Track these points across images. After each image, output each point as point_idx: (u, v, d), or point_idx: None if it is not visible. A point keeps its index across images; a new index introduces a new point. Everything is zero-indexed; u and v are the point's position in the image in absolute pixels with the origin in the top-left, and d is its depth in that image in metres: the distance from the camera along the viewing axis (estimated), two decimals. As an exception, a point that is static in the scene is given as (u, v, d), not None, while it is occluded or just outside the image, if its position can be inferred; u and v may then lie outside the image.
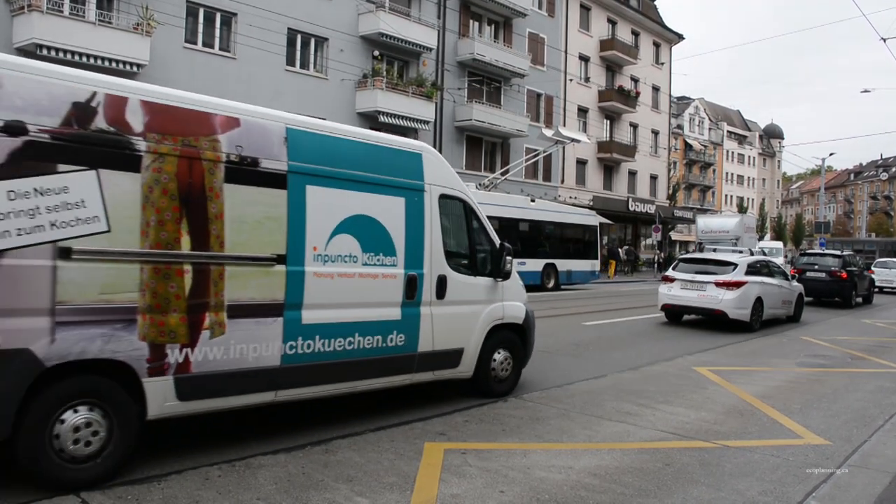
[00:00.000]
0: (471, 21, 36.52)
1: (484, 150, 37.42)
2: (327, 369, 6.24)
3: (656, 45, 53.40)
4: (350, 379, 6.52)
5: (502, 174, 28.53)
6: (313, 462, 5.43)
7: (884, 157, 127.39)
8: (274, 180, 5.83)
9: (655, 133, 53.84)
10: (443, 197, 7.37)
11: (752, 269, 16.14)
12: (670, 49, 55.43)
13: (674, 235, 63.77)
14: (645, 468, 5.65)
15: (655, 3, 55.40)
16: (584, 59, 45.22)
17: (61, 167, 4.70)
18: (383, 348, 6.70)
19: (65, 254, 4.68)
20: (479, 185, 25.79)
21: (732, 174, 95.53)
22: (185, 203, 5.28)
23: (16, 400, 4.47)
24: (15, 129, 4.49)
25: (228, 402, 5.65)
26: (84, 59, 21.36)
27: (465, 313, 7.58)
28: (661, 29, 53.41)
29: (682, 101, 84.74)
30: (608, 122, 48.11)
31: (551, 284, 26.43)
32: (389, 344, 6.75)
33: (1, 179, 4.45)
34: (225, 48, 26.40)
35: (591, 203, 41.02)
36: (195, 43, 25.53)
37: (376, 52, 31.10)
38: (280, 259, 5.84)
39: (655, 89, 53.26)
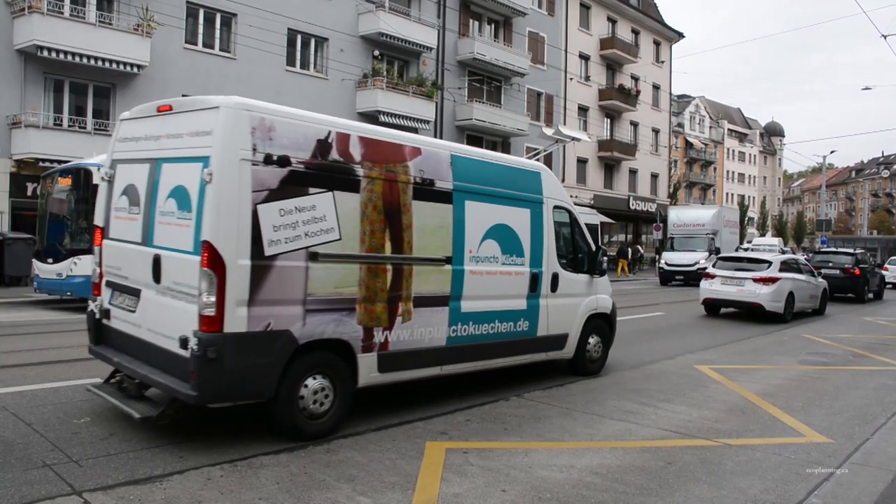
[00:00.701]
0: (471, 20, 36.50)
1: (485, 149, 37.40)
2: (476, 349, 7.69)
3: (656, 44, 53.38)
4: (490, 357, 7.95)
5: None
6: (315, 462, 5.43)
7: (885, 154, 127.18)
8: (444, 197, 7.25)
9: (656, 131, 53.82)
10: (555, 208, 8.88)
11: (785, 267, 17.86)
12: (670, 47, 55.41)
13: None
14: (647, 467, 5.65)
15: (655, 1, 55.35)
16: (585, 57, 45.20)
17: (311, 190, 6.01)
18: (514, 332, 8.18)
19: (313, 257, 6.02)
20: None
21: (733, 172, 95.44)
22: (388, 216, 6.64)
23: (279, 368, 5.78)
24: (284, 161, 5.82)
25: (410, 375, 7.09)
26: (84, 61, 21.37)
27: (570, 304, 9.08)
28: (661, 27, 53.38)
29: (683, 100, 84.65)
30: (609, 120, 48.09)
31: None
32: (518, 329, 8.23)
33: (275, 200, 5.73)
34: (225, 49, 26.41)
35: (592, 202, 41.05)
36: (195, 44, 25.54)
37: (376, 52, 31.10)
38: (448, 260, 7.26)
39: (656, 88, 53.24)
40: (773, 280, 17.11)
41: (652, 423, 7.04)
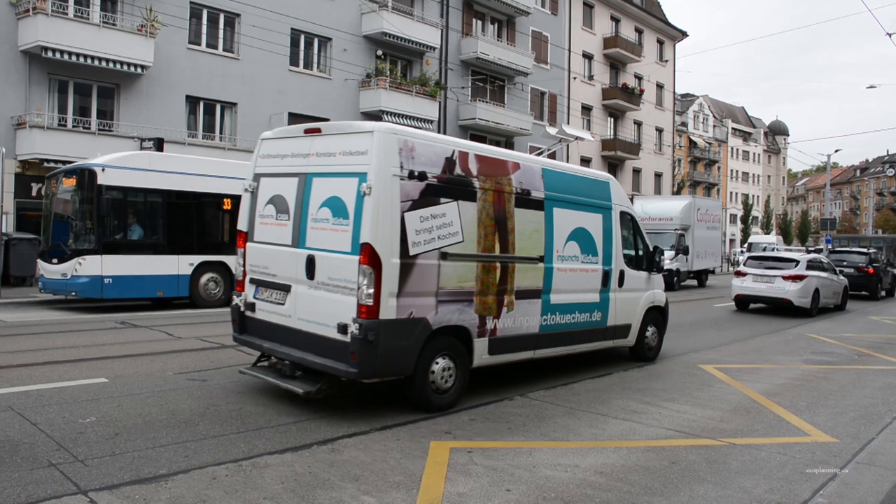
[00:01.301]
0: (474, 20, 36.50)
1: (488, 148, 37.39)
2: (561, 336, 8.88)
3: (660, 43, 53.32)
4: (571, 343, 9.16)
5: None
6: (319, 461, 5.43)
7: (890, 152, 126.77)
8: (537, 205, 8.39)
9: (660, 131, 53.76)
10: (621, 213, 10.09)
11: (811, 265, 19.38)
12: (674, 46, 55.33)
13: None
14: (651, 466, 5.65)
15: (659, 0, 55.28)
16: (588, 56, 45.17)
17: (442, 200, 7.12)
18: (590, 322, 9.36)
19: (444, 256, 7.11)
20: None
21: (737, 171, 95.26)
22: (497, 221, 7.77)
23: (418, 350, 6.89)
24: (422, 176, 6.92)
25: (512, 357, 8.24)
26: (88, 61, 21.43)
27: (633, 298, 10.32)
28: (665, 26, 53.32)
29: (687, 99, 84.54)
30: (612, 119, 48.05)
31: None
32: (593, 319, 9.43)
33: (417, 208, 6.83)
34: (228, 49, 26.44)
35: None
36: (199, 44, 25.58)
37: (379, 52, 31.11)
38: (541, 259, 8.42)
39: (659, 87, 53.19)
40: (800, 277, 18.54)
41: (656, 423, 7.04)
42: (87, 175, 14.59)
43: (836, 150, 52.46)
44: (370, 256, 6.44)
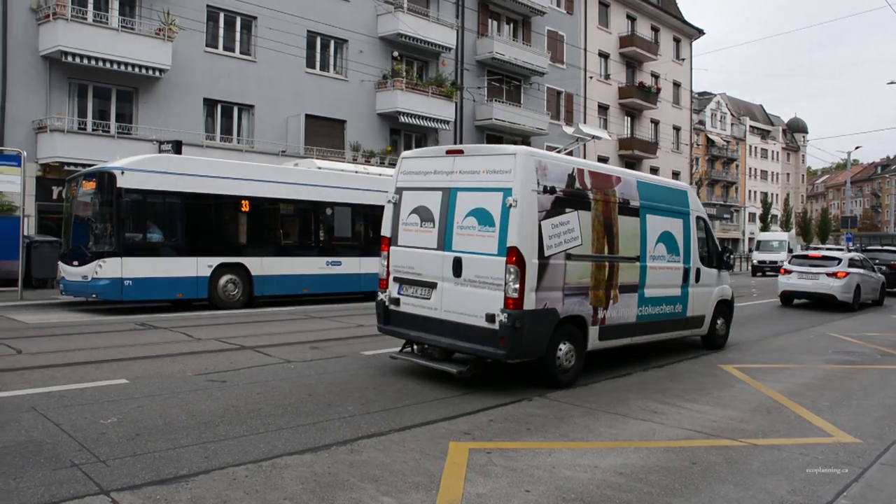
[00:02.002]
0: (489, 20, 36.47)
1: (504, 148, 37.34)
2: (652, 325, 10.21)
3: (676, 41, 53.03)
4: (659, 332, 10.53)
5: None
6: (339, 462, 5.44)
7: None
8: (634, 212, 9.70)
9: (677, 129, 53.48)
10: (697, 217, 11.40)
11: (853, 263, 20.68)
12: (691, 44, 55.01)
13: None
14: (671, 467, 5.61)
15: (676, -2, 55.00)
16: (604, 55, 45.01)
17: (566, 210, 8.40)
18: (673, 313, 10.70)
19: (568, 257, 8.38)
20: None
21: (756, 169, 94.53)
22: (606, 227, 9.08)
23: (549, 335, 8.14)
24: (553, 190, 8.21)
25: (615, 343, 9.54)
26: (108, 65, 21.63)
27: (706, 292, 11.62)
28: (681, 24, 53.03)
29: (704, 97, 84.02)
30: (629, 118, 47.85)
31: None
32: (675, 310, 10.74)
33: (549, 217, 8.10)
34: (245, 51, 26.59)
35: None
36: (216, 47, 25.74)
37: (395, 53, 31.17)
38: (637, 258, 9.73)
39: (676, 85, 52.90)
40: (843, 274, 19.93)
41: (676, 423, 6.99)
42: (107, 178, 14.71)
43: (857, 147, 52.02)
44: (517, 257, 7.71)
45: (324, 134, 28.70)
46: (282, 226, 17.80)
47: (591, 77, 43.37)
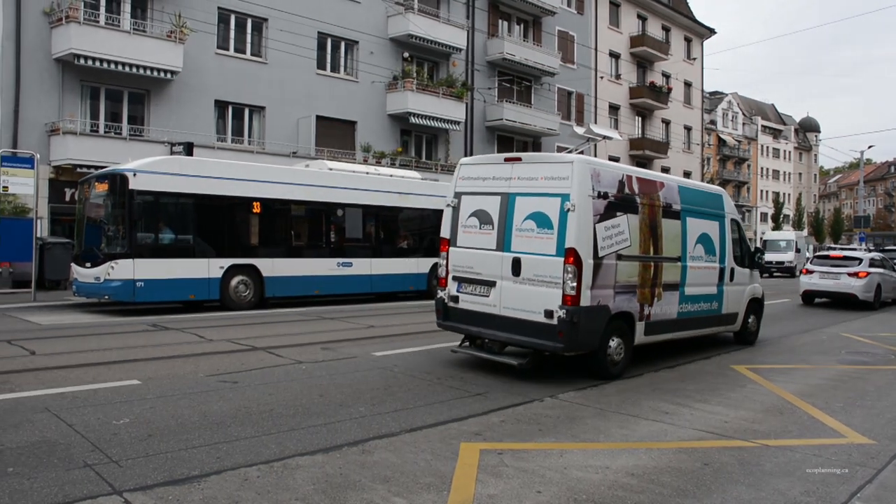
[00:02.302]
0: (500, 20, 36.45)
1: (515, 149, 37.29)
2: (691, 321, 10.87)
3: (687, 40, 52.84)
4: (697, 328, 11.21)
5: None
6: (350, 463, 5.45)
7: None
8: (676, 215, 10.32)
9: (688, 129, 53.29)
10: (731, 220, 12.01)
11: (873, 263, 21.35)
12: (702, 44, 54.80)
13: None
14: (683, 468, 5.59)
15: (686, -3, 54.80)
16: (615, 55, 44.91)
17: (617, 213, 9.01)
18: (710, 310, 11.32)
19: (619, 257, 9.00)
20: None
21: (767, 169, 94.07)
22: (651, 229, 9.71)
23: (602, 330, 8.76)
24: (605, 196, 8.84)
25: (659, 338, 10.20)
26: (120, 68, 21.74)
27: (739, 291, 12.27)
28: (692, 23, 52.83)
29: (715, 97, 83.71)
30: (640, 118, 47.72)
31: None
32: (712, 308, 11.36)
33: (602, 221, 8.73)
34: (256, 53, 26.68)
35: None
36: (227, 49, 25.84)
37: (406, 54, 31.19)
38: (678, 258, 10.34)
39: (687, 85, 52.71)
40: (864, 274, 20.50)
41: (688, 424, 6.96)
42: (119, 180, 14.78)
43: (870, 147, 51.68)
44: (574, 258, 8.34)
45: (334, 135, 28.76)
46: (293, 227, 17.84)
47: (601, 77, 43.28)
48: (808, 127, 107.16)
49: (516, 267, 8.83)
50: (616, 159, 44.28)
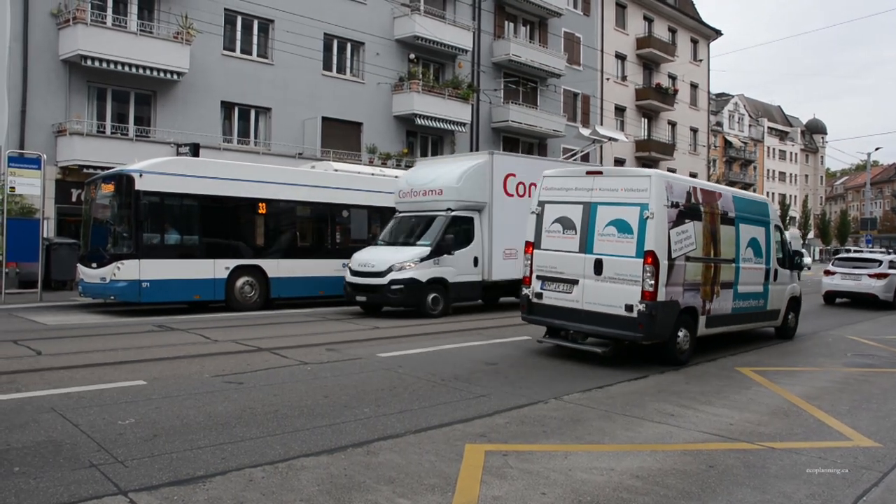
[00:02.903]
0: (506, 22, 36.46)
1: (521, 150, 37.32)
2: (742, 316, 12.16)
3: (694, 42, 52.77)
4: (746, 322, 12.56)
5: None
6: (355, 464, 5.45)
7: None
8: (731, 221, 11.54)
9: (694, 131, 53.21)
10: (775, 225, 13.27)
11: (893, 265, 22.41)
12: (708, 45, 54.72)
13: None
14: (688, 470, 5.58)
15: (693, -1, 54.71)
16: (621, 57, 44.87)
17: (685, 220, 10.22)
18: (757, 307, 12.60)
19: (687, 259, 10.20)
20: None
21: (774, 171, 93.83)
22: (711, 234, 10.90)
23: (673, 323, 10.00)
24: (676, 205, 10.04)
25: (716, 331, 11.45)
26: (126, 69, 21.82)
27: (781, 289, 13.50)
28: (699, 25, 52.76)
29: (722, 98, 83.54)
30: (646, 120, 47.66)
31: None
32: (759, 304, 12.63)
33: (674, 227, 9.94)
34: (262, 54, 26.73)
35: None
36: (233, 50, 25.90)
37: (412, 55, 31.22)
38: (732, 260, 11.56)
39: (693, 86, 52.64)
40: (884, 276, 21.69)
41: (693, 426, 6.95)
42: (125, 181, 14.83)
43: (877, 149, 51.54)
44: (653, 259, 9.57)
45: (340, 136, 28.80)
46: (298, 228, 17.86)
47: (607, 79, 43.24)
48: (814, 129, 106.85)
49: (598, 267, 10.05)
50: (622, 161, 44.30)
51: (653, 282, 9.54)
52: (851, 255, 25.95)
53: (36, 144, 20.57)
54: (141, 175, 14.71)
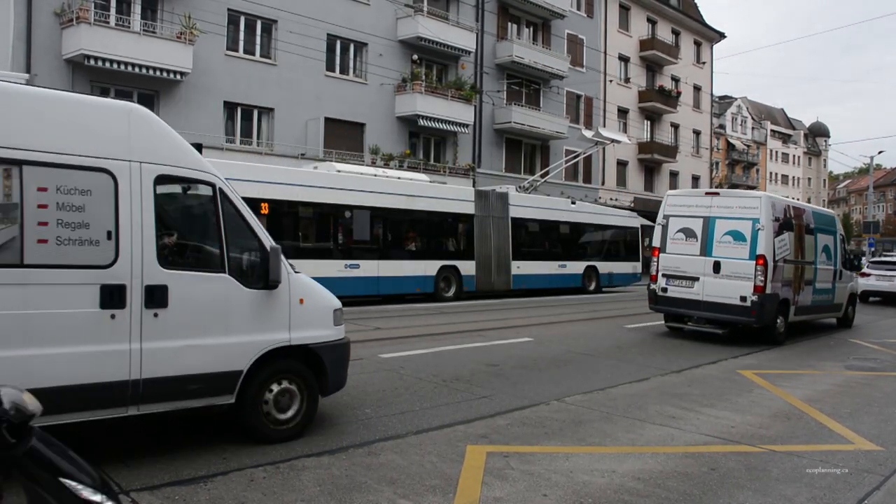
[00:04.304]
0: (509, 23, 36.43)
1: (523, 152, 37.30)
2: (817, 308, 15.08)
3: (697, 44, 52.70)
4: (819, 313, 15.40)
5: (542, 176, 28.39)
6: (356, 464, 5.46)
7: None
8: (811, 231, 14.41)
9: (697, 133, 53.14)
10: (840, 235, 16.21)
11: None
12: (711, 48, 54.65)
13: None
14: (689, 472, 5.58)
15: (696, 1, 54.66)
16: (624, 59, 44.84)
17: (784, 231, 13.25)
18: (827, 301, 15.46)
19: (784, 261, 13.20)
20: (519, 187, 25.69)
21: (776, 174, 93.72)
22: (799, 242, 13.71)
23: (775, 311, 13.13)
24: (778, 220, 13.08)
25: (799, 318, 14.18)
26: (129, 69, 21.82)
27: (844, 287, 16.37)
28: (702, 27, 52.70)
29: (724, 101, 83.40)
30: (649, 122, 47.61)
31: (592, 287, 26.18)
32: (828, 299, 15.50)
33: (777, 236, 12.86)
34: (266, 55, 26.73)
35: (633, 205, 40.70)
36: (236, 50, 25.89)
37: (415, 56, 31.20)
38: (812, 262, 14.39)
39: (697, 89, 52.57)
40: None
41: (694, 429, 6.95)
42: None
43: (880, 152, 51.63)
44: (764, 261, 12.56)
45: (343, 137, 28.78)
46: (300, 228, 17.86)
47: (610, 80, 43.22)
48: (817, 132, 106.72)
49: (717, 267, 13.02)
50: (625, 163, 44.32)
51: (763, 278, 12.48)
52: (886, 258, 30.16)
53: (39, 144, 20.57)
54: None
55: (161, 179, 5.35)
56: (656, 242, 13.99)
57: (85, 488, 2.81)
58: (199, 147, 20.06)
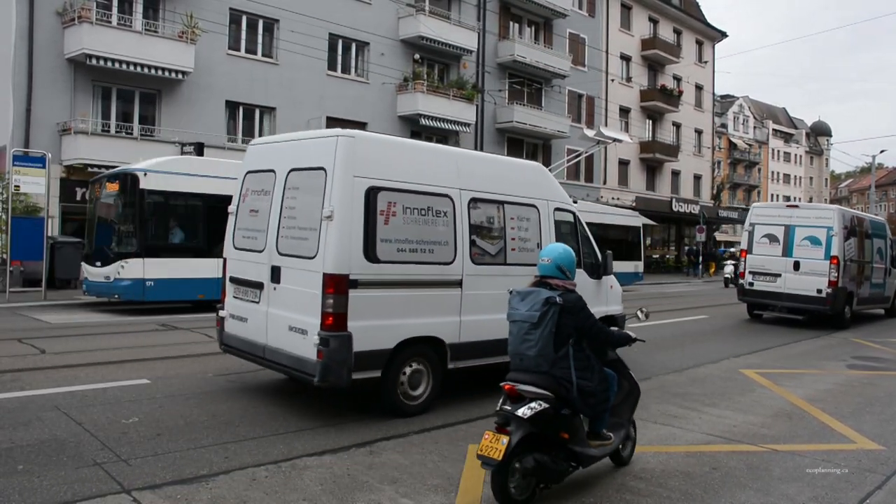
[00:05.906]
0: (510, 23, 36.42)
1: (525, 151, 37.27)
2: (872, 299, 18.59)
3: (699, 44, 52.64)
4: (874, 303, 18.92)
5: (543, 176, 28.34)
6: (358, 463, 5.46)
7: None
8: (868, 236, 18.09)
9: (699, 132, 53.08)
10: (890, 239, 19.59)
11: None
12: (713, 47, 54.59)
13: (718, 236, 62.74)
14: (691, 472, 5.57)
15: (698, 0, 54.59)
16: (626, 58, 44.80)
17: (851, 236, 16.82)
18: (880, 294, 19.10)
19: (850, 260, 16.70)
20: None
21: (778, 173, 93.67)
22: (860, 245, 17.40)
23: (844, 301, 16.51)
24: (846, 227, 16.68)
25: (861, 308, 17.97)
26: (131, 68, 21.84)
27: (892, 282, 19.74)
28: (704, 27, 52.63)
29: (726, 100, 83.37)
30: (650, 121, 47.57)
31: (594, 286, 26.08)
32: (881, 292, 19.07)
33: (845, 241, 16.52)
34: (267, 54, 26.74)
35: (634, 204, 40.63)
36: (238, 49, 25.90)
37: (417, 56, 31.20)
38: (869, 262, 17.96)
39: (698, 88, 52.51)
40: None
41: (696, 428, 6.94)
42: (130, 180, 14.85)
43: (882, 151, 51.53)
44: (837, 261, 15.54)
45: (344, 136, 28.75)
46: None
47: (612, 80, 43.18)
48: (819, 131, 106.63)
49: (797, 266, 16.17)
50: (626, 162, 44.31)
51: (836, 275, 15.61)
52: None
53: (41, 143, 20.59)
54: (145, 174, 14.72)
55: (557, 209, 8.66)
56: (743, 245, 17.53)
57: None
58: (200, 146, 20.10)
